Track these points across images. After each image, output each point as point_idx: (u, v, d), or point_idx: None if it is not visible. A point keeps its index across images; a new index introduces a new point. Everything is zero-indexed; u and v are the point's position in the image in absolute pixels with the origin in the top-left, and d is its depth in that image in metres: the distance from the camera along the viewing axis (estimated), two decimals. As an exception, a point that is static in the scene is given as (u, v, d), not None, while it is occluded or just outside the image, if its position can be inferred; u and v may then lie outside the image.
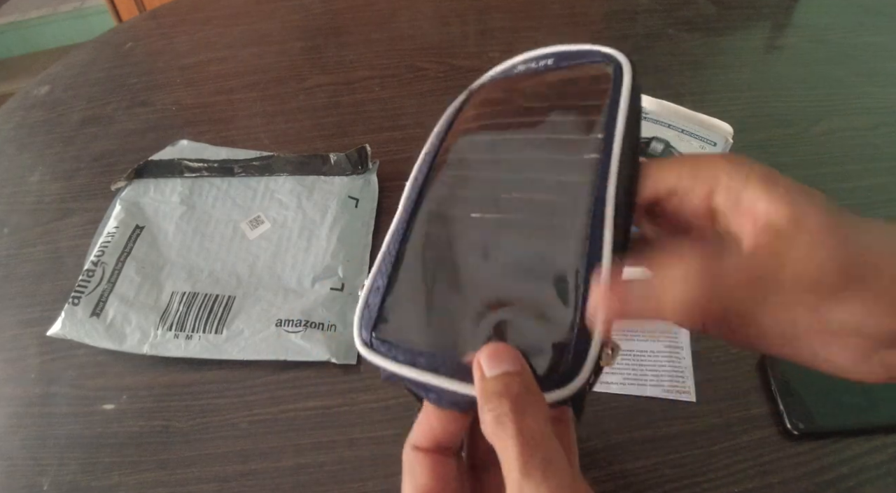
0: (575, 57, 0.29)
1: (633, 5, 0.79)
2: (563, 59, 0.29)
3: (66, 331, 0.45)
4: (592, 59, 0.28)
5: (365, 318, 0.24)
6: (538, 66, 0.29)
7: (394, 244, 0.26)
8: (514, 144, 0.27)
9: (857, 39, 0.72)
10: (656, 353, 0.44)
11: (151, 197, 0.54)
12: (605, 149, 0.24)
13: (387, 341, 0.23)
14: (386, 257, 0.25)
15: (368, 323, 0.24)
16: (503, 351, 0.20)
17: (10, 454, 0.42)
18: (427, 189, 0.27)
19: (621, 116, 0.25)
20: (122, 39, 0.79)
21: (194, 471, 0.40)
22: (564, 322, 0.21)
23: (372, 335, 0.24)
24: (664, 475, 0.39)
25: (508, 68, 0.31)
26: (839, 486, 0.38)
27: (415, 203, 0.26)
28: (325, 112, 0.65)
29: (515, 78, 0.30)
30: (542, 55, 0.30)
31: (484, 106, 0.29)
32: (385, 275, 0.25)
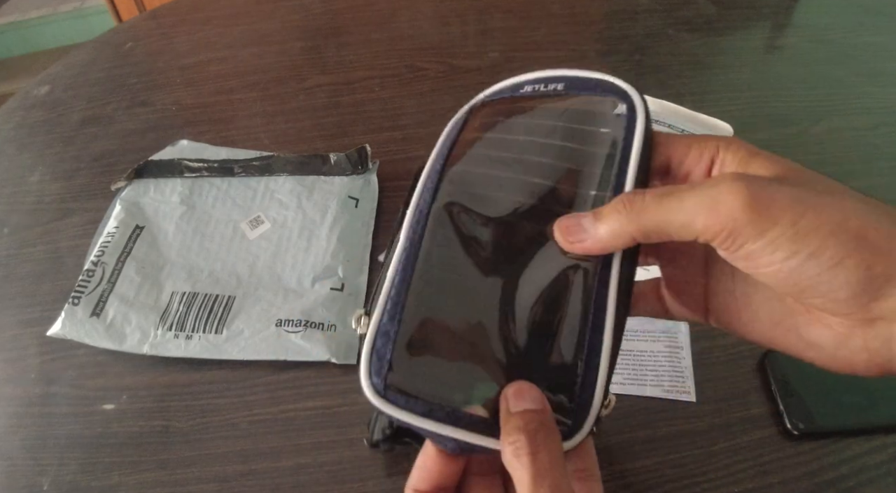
0: (587, 86, 0.27)
1: (633, 5, 0.79)
2: (574, 87, 0.27)
3: (66, 331, 0.45)
4: (605, 93, 0.27)
5: (374, 364, 0.23)
6: (547, 90, 0.28)
7: (400, 284, 0.24)
8: (519, 182, 0.26)
9: (857, 39, 0.72)
10: (656, 353, 0.44)
11: (151, 197, 0.54)
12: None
13: (402, 391, 0.23)
14: (392, 299, 0.24)
15: (379, 370, 0.23)
16: (527, 390, 0.22)
17: (10, 454, 0.42)
18: (430, 221, 0.26)
19: (631, 170, 0.24)
20: (122, 39, 0.79)
21: (194, 471, 0.40)
22: (570, 381, 0.22)
23: (385, 384, 0.23)
24: (664, 475, 0.39)
25: (514, 87, 0.29)
26: (839, 486, 0.38)
27: (420, 236, 0.25)
28: (325, 112, 0.65)
29: (522, 100, 0.28)
30: (552, 78, 0.28)
31: (488, 130, 0.28)
32: (394, 318, 0.24)
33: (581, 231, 0.23)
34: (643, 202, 0.22)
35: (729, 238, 0.20)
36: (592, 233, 0.23)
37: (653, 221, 0.22)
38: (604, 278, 0.24)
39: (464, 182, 0.26)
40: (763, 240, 0.20)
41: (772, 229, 0.20)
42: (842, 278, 0.20)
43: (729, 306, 0.26)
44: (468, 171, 0.27)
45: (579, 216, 0.24)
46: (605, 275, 0.24)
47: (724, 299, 0.26)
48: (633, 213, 0.22)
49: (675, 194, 0.21)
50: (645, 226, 0.22)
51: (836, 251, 0.19)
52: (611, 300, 0.23)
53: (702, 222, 0.21)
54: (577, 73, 0.28)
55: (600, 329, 0.23)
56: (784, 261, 0.20)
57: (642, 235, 0.22)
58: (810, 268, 0.20)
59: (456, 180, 0.27)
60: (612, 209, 0.23)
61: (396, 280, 0.25)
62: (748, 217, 0.20)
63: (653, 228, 0.22)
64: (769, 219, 0.20)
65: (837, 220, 0.19)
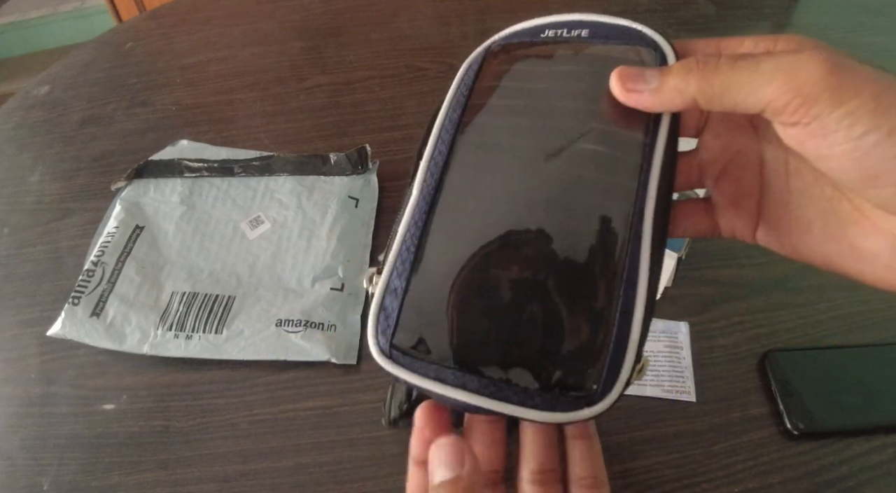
0: (612, 33, 0.26)
1: (633, 5, 0.79)
2: (599, 34, 0.26)
3: (66, 331, 0.45)
4: (633, 42, 0.25)
5: (381, 323, 0.22)
6: (570, 36, 0.26)
7: (411, 239, 0.23)
8: (547, 130, 0.24)
9: (857, 39, 0.72)
10: (656, 353, 0.44)
11: (151, 197, 0.54)
12: (647, 158, 0.23)
13: (408, 353, 0.21)
14: (403, 255, 0.23)
15: (386, 330, 0.22)
16: (445, 449, 0.20)
17: (10, 454, 0.42)
18: (448, 174, 0.24)
19: (664, 126, 0.23)
20: (122, 39, 0.79)
21: (194, 471, 0.40)
22: (600, 338, 0.21)
23: (391, 345, 0.22)
24: (664, 475, 0.39)
25: (534, 30, 0.27)
26: (839, 486, 0.38)
27: (434, 190, 0.24)
28: (325, 112, 0.65)
29: (542, 45, 0.26)
30: (576, 22, 0.26)
31: (508, 77, 0.26)
32: (403, 276, 0.22)
33: (642, 81, 0.22)
34: (716, 64, 0.20)
35: (803, 107, 0.19)
36: (654, 84, 0.22)
37: (723, 85, 0.20)
38: (640, 210, 0.22)
39: (484, 132, 0.25)
40: (841, 110, 0.18)
41: (853, 100, 0.18)
42: None
43: (781, 218, 0.24)
44: (488, 122, 0.25)
45: (643, 68, 0.22)
46: (641, 209, 0.22)
47: (776, 211, 0.25)
48: (704, 71, 0.20)
49: (751, 59, 0.20)
50: (711, 88, 0.20)
51: None
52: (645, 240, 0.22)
53: (776, 88, 0.19)
54: (603, 18, 0.26)
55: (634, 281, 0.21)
56: (861, 137, 0.18)
57: (706, 98, 0.21)
58: (890, 147, 0.18)
59: (475, 131, 0.25)
60: (681, 66, 0.21)
61: (408, 235, 0.23)
62: (829, 83, 0.18)
63: (719, 93, 0.20)
64: (851, 89, 0.18)
65: None
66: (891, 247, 0.20)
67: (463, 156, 0.24)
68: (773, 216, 0.25)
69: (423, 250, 0.23)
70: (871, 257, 0.21)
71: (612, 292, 0.21)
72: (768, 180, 0.25)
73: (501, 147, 0.24)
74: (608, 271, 0.21)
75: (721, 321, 0.46)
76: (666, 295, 0.47)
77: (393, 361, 0.22)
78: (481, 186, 0.23)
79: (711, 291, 0.48)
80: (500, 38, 0.28)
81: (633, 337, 0.21)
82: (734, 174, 0.26)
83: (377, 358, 0.22)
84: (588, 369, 0.20)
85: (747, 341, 0.45)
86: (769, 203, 0.25)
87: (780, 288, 0.48)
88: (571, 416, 0.20)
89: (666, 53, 0.24)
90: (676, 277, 0.48)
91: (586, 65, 0.25)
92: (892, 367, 0.42)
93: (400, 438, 0.41)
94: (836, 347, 0.44)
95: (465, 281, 0.22)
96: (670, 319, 0.46)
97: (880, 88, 0.18)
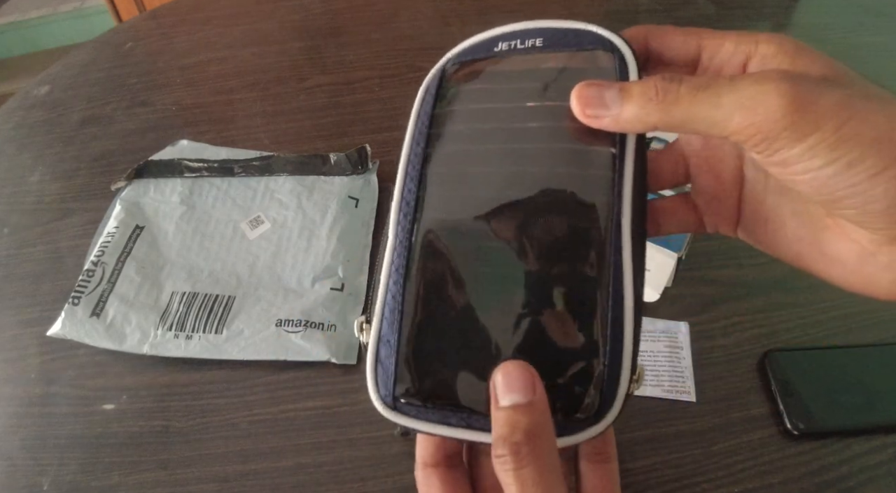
0: (567, 39, 0.25)
1: (633, 5, 0.79)
2: (554, 41, 0.25)
3: (66, 331, 0.45)
4: (589, 45, 0.24)
5: (381, 376, 0.22)
6: (525, 47, 0.25)
7: (395, 287, 0.23)
8: (514, 154, 0.24)
9: (857, 39, 0.72)
10: (656, 353, 0.44)
11: (151, 197, 0.54)
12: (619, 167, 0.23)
13: (411, 401, 0.22)
14: (388, 304, 0.23)
15: (386, 382, 0.22)
16: (515, 374, 0.20)
17: (10, 454, 0.42)
18: (421, 213, 0.24)
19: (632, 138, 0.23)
20: (122, 39, 0.79)
21: (194, 471, 0.40)
22: (593, 357, 0.21)
23: (394, 396, 0.22)
24: (664, 475, 0.39)
25: (486, 44, 0.26)
26: (839, 486, 0.38)
27: (410, 233, 0.23)
28: (325, 112, 0.65)
29: (499, 62, 0.26)
30: (528, 31, 0.26)
31: (467, 100, 0.25)
32: (394, 325, 0.22)
33: (602, 106, 0.22)
34: (677, 93, 0.20)
35: (764, 142, 0.19)
36: (615, 112, 0.21)
37: (684, 117, 0.20)
38: (617, 224, 0.22)
39: (451, 164, 0.24)
40: (802, 146, 0.19)
41: (812, 135, 0.18)
42: (879, 189, 0.18)
43: (758, 216, 0.25)
44: (454, 151, 0.24)
45: (602, 87, 0.22)
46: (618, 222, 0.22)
47: (754, 209, 0.25)
48: (664, 103, 0.20)
49: (713, 88, 0.20)
50: (672, 119, 0.20)
51: (876, 161, 0.18)
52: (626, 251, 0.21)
53: (737, 123, 0.19)
54: (555, 24, 0.25)
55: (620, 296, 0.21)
56: (821, 168, 0.19)
57: (667, 126, 0.21)
58: (848, 177, 0.19)
59: (442, 163, 0.24)
60: (641, 93, 0.21)
61: (391, 283, 0.23)
62: (789, 121, 0.18)
63: (680, 123, 0.20)
64: (811, 123, 0.18)
65: (883, 128, 0.18)
66: (857, 255, 0.21)
67: (434, 192, 0.24)
68: (751, 213, 0.25)
69: (409, 296, 0.23)
70: (840, 261, 0.22)
71: (599, 311, 0.21)
72: (747, 176, 0.25)
73: (472, 178, 0.24)
74: (592, 291, 0.22)
75: (721, 321, 0.46)
76: (666, 295, 0.47)
77: (397, 411, 0.22)
78: (457, 223, 0.23)
79: (711, 291, 0.48)
80: (454, 56, 0.27)
81: (626, 351, 0.21)
82: (715, 168, 0.26)
83: (381, 410, 0.22)
84: (586, 390, 0.21)
85: (747, 341, 0.45)
86: (748, 199, 0.25)
87: (780, 288, 0.48)
88: (579, 437, 0.21)
89: (624, 54, 0.24)
90: (676, 277, 0.48)
91: (545, 79, 0.24)
92: (892, 367, 0.42)
93: (400, 437, 0.41)
94: (836, 347, 0.44)
95: (456, 321, 0.22)
96: (670, 319, 0.46)
97: (842, 119, 0.18)
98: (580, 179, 0.23)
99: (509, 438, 0.19)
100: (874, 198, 0.19)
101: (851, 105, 0.19)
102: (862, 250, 0.21)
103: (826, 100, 0.18)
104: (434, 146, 0.25)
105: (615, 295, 0.21)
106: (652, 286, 0.47)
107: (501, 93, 0.25)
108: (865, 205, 0.19)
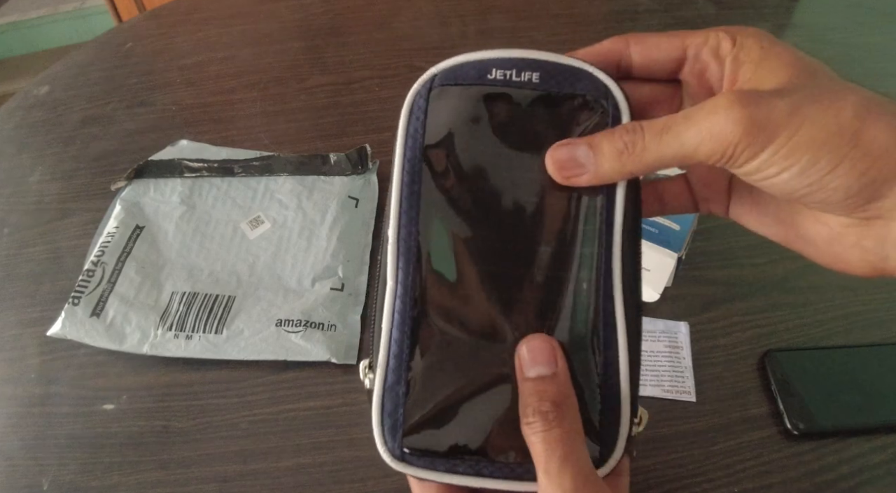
0: (563, 76, 0.24)
1: (633, 5, 0.79)
2: (550, 79, 0.24)
3: (66, 331, 0.45)
4: (585, 91, 0.24)
5: (387, 427, 0.22)
6: (521, 80, 0.24)
7: (401, 334, 0.23)
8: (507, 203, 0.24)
9: (857, 39, 0.72)
10: (656, 353, 0.44)
11: (151, 197, 0.54)
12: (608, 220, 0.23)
13: (420, 452, 0.22)
14: (395, 352, 0.23)
15: (394, 433, 0.22)
16: (538, 347, 0.22)
17: (10, 454, 0.42)
18: (421, 260, 0.23)
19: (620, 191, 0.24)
20: (122, 39, 0.79)
21: (194, 471, 0.40)
22: (589, 405, 0.22)
23: (402, 447, 0.22)
24: (664, 475, 0.39)
25: (478, 67, 0.25)
26: (839, 486, 0.38)
27: (413, 279, 0.23)
28: (325, 112, 0.65)
29: (492, 95, 0.25)
30: (525, 62, 0.24)
31: (464, 136, 0.24)
32: (400, 376, 0.23)
33: (576, 167, 0.23)
34: (643, 144, 0.22)
35: (728, 160, 0.21)
36: (592, 168, 0.23)
37: (656, 159, 0.22)
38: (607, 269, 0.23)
39: (448, 211, 0.24)
40: (759, 160, 0.21)
41: (766, 149, 0.20)
42: (835, 183, 0.20)
43: (745, 200, 0.27)
44: (449, 198, 0.24)
45: (573, 146, 0.23)
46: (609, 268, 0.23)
47: (741, 193, 0.27)
48: (633, 154, 0.22)
49: (673, 129, 0.22)
50: (648, 165, 0.22)
51: (829, 159, 0.20)
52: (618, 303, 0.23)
53: (702, 153, 0.21)
54: (553, 58, 0.24)
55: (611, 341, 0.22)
56: (779, 175, 0.21)
57: (646, 171, 0.23)
58: (804, 179, 0.20)
59: (438, 209, 0.24)
60: (611, 149, 0.23)
61: (394, 331, 0.23)
62: (745, 142, 0.20)
63: (656, 165, 0.22)
64: (765, 139, 0.20)
65: (833, 126, 0.20)
66: (828, 236, 0.23)
67: (435, 237, 0.23)
68: (739, 198, 0.27)
69: (414, 345, 0.23)
70: (814, 243, 0.24)
71: (591, 357, 0.22)
72: None
73: (468, 225, 0.24)
74: (584, 337, 0.23)
75: (721, 321, 0.46)
76: (666, 295, 0.47)
77: (406, 462, 0.22)
78: (459, 271, 0.23)
79: (711, 291, 0.48)
80: (441, 74, 0.25)
81: (623, 395, 0.22)
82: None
83: (389, 462, 0.22)
84: (588, 435, 0.22)
85: (747, 341, 0.45)
86: (737, 187, 0.27)
87: (780, 288, 0.48)
88: None
89: (618, 101, 0.24)
90: (676, 277, 0.48)
91: (537, 126, 0.24)
92: (892, 367, 0.42)
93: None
94: (836, 347, 0.44)
95: (463, 370, 0.22)
96: (670, 319, 0.46)
97: (794, 127, 0.20)
98: (571, 231, 0.23)
99: (539, 406, 0.21)
100: (832, 192, 0.21)
101: (802, 112, 0.20)
102: (831, 231, 0.23)
103: (777, 113, 0.20)
104: (429, 186, 0.24)
105: (606, 342, 0.22)
106: (652, 286, 0.47)
107: (494, 134, 0.24)
108: (825, 198, 0.21)
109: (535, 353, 0.22)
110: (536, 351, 0.22)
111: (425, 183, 0.24)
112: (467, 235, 0.23)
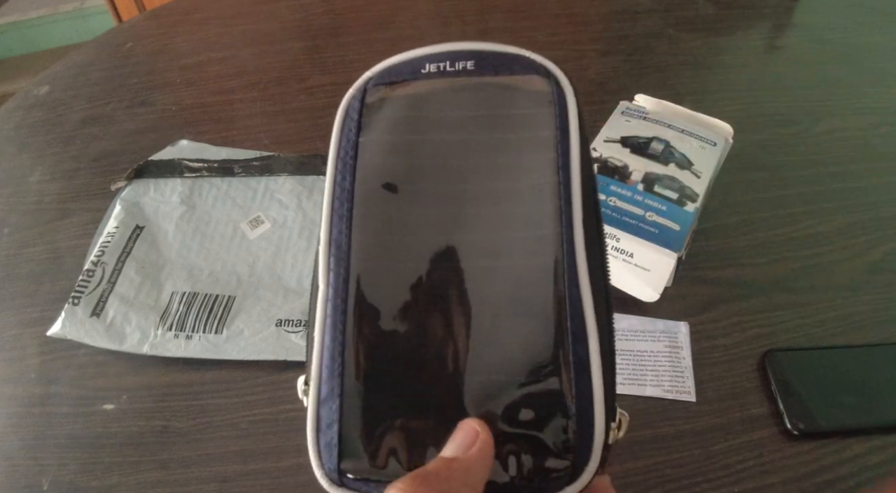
0: (500, 63, 0.23)
1: (633, 5, 0.79)
2: (486, 64, 0.23)
3: (66, 331, 0.45)
4: (523, 70, 0.23)
5: (324, 445, 0.20)
6: (455, 69, 0.23)
7: (334, 343, 0.20)
8: (451, 194, 0.22)
9: (857, 39, 0.72)
10: (656, 353, 0.44)
11: (151, 197, 0.54)
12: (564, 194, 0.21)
13: (361, 475, 0.20)
14: (328, 364, 0.20)
15: (330, 454, 0.20)
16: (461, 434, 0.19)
17: (10, 454, 0.42)
18: (353, 259, 0.21)
19: (574, 152, 0.22)
20: (122, 39, 0.79)
21: (194, 471, 0.40)
22: (558, 411, 0.19)
23: (340, 470, 0.20)
24: (664, 475, 0.39)
25: (412, 64, 0.24)
26: (839, 486, 0.38)
27: (345, 280, 0.21)
28: (325, 112, 0.65)
29: (427, 84, 0.24)
30: (458, 53, 0.24)
31: (399, 131, 0.23)
32: (334, 390, 0.20)
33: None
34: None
35: None
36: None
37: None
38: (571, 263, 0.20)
39: (383, 205, 0.22)
40: None
41: None
42: None
43: None
44: (385, 190, 0.22)
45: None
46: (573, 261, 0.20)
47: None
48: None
49: None
50: None
51: None
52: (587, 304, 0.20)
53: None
54: (487, 47, 0.24)
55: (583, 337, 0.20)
56: None
57: None
58: None
59: (372, 203, 0.22)
60: None
61: (327, 340, 0.21)
62: None
63: None
64: None
65: None
66: None
67: (367, 236, 0.22)
68: None
69: (349, 356, 0.20)
70: None
71: (557, 360, 0.19)
72: None
73: (407, 221, 0.22)
74: (548, 340, 0.20)
75: (721, 321, 0.46)
76: (666, 295, 0.47)
77: (345, 487, 0.20)
78: (395, 271, 0.21)
79: (711, 291, 0.48)
80: (376, 76, 0.25)
81: (596, 397, 0.19)
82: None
83: (326, 487, 0.20)
84: (555, 447, 0.19)
85: (747, 341, 0.45)
86: None
87: (780, 288, 0.48)
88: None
89: (559, 79, 0.23)
90: (676, 277, 0.48)
91: (477, 109, 0.23)
92: (892, 367, 0.42)
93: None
94: (836, 347, 0.44)
95: (402, 383, 0.20)
96: (670, 319, 0.46)
97: None
98: (524, 220, 0.21)
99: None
100: None
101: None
102: None
103: None
104: (362, 182, 0.22)
105: (575, 337, 0.20)
106: (652, 286, 0.47)
107: (432, 123, 0.23)
108: None
109: (458, 431, 0.19)
110: (461, 430, 0.19)
111: (360, 179, 0.23)
112: (407, 235, 0.21)
